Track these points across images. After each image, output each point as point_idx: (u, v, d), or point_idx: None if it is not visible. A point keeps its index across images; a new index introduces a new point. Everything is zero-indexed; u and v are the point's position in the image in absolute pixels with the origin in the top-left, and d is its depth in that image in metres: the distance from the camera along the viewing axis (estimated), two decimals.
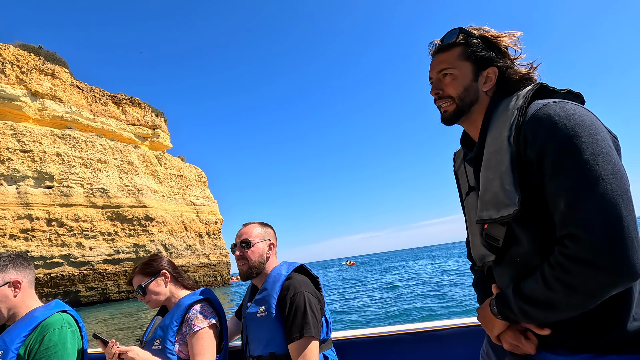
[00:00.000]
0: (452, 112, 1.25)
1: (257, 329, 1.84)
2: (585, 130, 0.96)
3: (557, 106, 1.02)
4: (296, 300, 1.77)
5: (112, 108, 53.76)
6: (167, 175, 55.61)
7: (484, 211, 1.15)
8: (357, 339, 2.10)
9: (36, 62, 45.15)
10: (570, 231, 0.93)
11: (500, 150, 1.10)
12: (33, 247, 38.12)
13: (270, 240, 2.03)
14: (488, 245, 1.19)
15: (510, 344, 1.12)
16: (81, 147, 45.15)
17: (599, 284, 0.90)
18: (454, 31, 1.25)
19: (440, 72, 1.26)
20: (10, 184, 38.82)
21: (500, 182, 1.09)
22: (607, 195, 0.90)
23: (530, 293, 1.01)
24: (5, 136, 39.40)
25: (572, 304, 0.95)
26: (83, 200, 42.96)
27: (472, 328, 1.98)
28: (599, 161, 0.93)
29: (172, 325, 1.87)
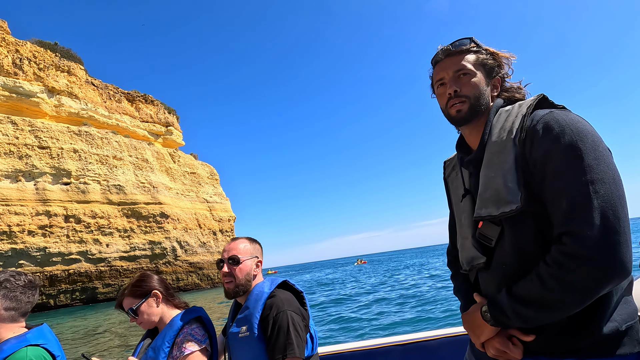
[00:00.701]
0: (466, 111, 1.26)
1: (239, 350, 1.80)
2: (589, 137, 1.02)
3: (564, 114, 1.08)
4: (279, 320, 1.72)
5: (126, 105, 53.62)
6: (180, 172, 55.44)
7: (483, 209, 1.17)
8: (347, 352, 2.06)
9: (52, 58, 45.02)
10: (570, 229, 0.97)
11: (504, 150, 1.14)
12: (51, 244, 38.01)
13: (258, 257, 1.97)
14: (480, 246, 1.21)
15: (497, 349, 1.12)
16: (97, 144, 45.02)
17: (594, 281, 0.93)
18: (466, 39, 1.30)
19: (458, 72, 1.27)
20: (28, 180, 38.70)
21: (503, 180, 1.11)
22: (608, 197, 0.95)
23: (526, 294, 1.02)
24: (23, 132, 39.28)
25: (567, 302, 0.96)
26: (100, 197, 42.82)
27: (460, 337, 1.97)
28: (601, 166, 0.98)
29: (164, 347, 1.81)
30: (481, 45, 1.30)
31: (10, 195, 36.76)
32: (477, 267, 1.24)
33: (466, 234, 1.29)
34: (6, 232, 35.64)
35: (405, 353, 2.02)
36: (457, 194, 1.41)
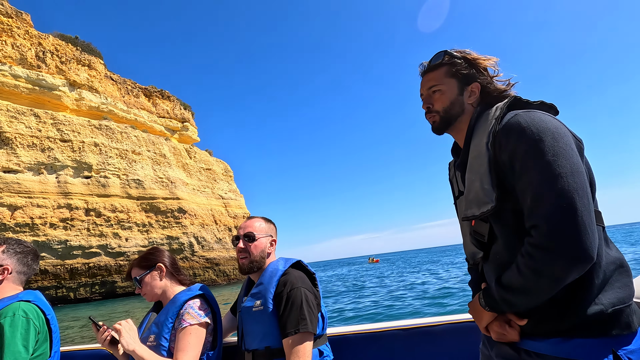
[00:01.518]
0: (438, 123, 1.39)
1: (252, 323, 1.82)
2: (549, 134, 1.09)
3: (526, 115, 1.16)
4: (293, 295, 1.75)
5: (144, 100, 53.49)
6: (196, 168, 55.27)
7: (468, 209, 1.28)
8: (352, 335, 2.10)
9: (74, 52, 44.91)
10: (534, 222, 1.06)
11: (480, 154, 1.22)
12: (72, 237, 37.88)
13: (273, 236, 2.01)
14: (476, 242, 1.29)
15: (497, 332, 1.21)
16: (117, 138, 44.88)
17: (559, 268, 1.01)
18: (440, 53, 1.41)
19: (430, 89, 1.40)
20: (50, 172, 38.59)
21: (480, 183, 1.21)
22: (564, 190, 1.02)
23: (508, 282, 1.12)
24: (45, 125, 39.16)
25: (540, 288, 1.05)
26: (119, 191, 42.68)
27: (464, 324, 2.00)
28: (558, 161, 1.05)
29: (167, 322, 1.84)
30: (456, 55, 1.38)
31: (33, 187, 36.65)
32: (478, 261, 1.34)
33: (465, 231, 1.39)
34: (28, 224, 35.53)
35: (410, 337, 2.06)
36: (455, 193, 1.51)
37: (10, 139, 36.47)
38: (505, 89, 1.38)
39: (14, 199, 35.12)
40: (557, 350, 1.09)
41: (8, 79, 38.12)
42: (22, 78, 39.17)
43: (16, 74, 38.77)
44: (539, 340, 1.13)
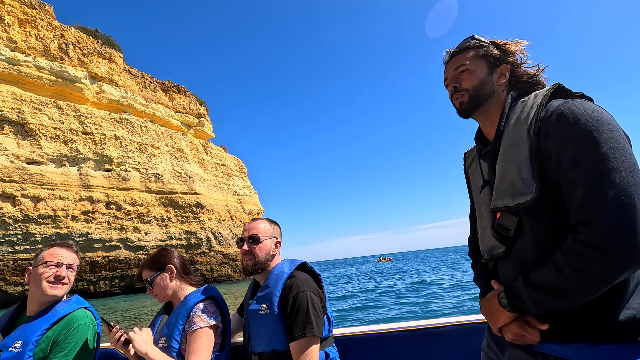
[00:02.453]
0: (467, 103, 1.30)
1: (259, 326, 1.81)
2: (605, 126, 1.01)
3: (579, 103, 1.07)
4: (299, 299, 1.73)
5: (161, 95, 53.14)
6: (212, 164, 54.93)
7: (499, 200, 1.18)
8: (358, 335, 2.09)
9: (94, 45, 44.54)
10: (585, 217, 0.97)
11: (519, 142, 1.14)
12: (93, 230, 37.54)
13: (277, 238, 1.99)
14: (499, 236, 1.21)
15: (515, 333, 1.14)
16: (137, 132, 44.52)
17: (609, 269, 0.93)
18: (467, 38, 1.36)
19: (457, 69, 1.33)
20: (72, 165, 38.24)
21: (518, 172, 1.12)
22: (623, 185, 0.94)
23: (542, 281, 1.03)
24: (68, 117, 38.81)
25: (582, 290, 0.97)
26: (139, 185, 42.33)
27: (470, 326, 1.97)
28: (616, 154, 0.97)
29: (178, 324, 1.84)
30: (483, 40, 1.32)
31: (55, 179, 36.31)
32: (496, 256, 1.25)
33: (485, 224, 1.30)
34: (51, 216, 35.19)
35: (415, 338, 2.04)
36: (476, 185, 1.41)
37: (34, 130, 36.13)
38: (536, 73, 1.29)
39: (37, 190, 34.78)
40: (582, 356, 1.00)
41: (32, 70, 37.76)
42: (46, 69, 38.81)
43: (40, 65, 38.41)
44: (561, 344, 1.05)
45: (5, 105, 34.70)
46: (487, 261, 1.33)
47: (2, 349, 1.76)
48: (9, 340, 1.79)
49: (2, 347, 1.77)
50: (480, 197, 1.36)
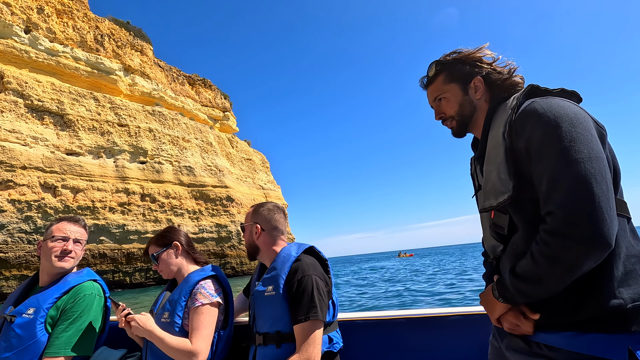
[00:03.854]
0: (457, 127, 1.39)
1: (264, 307, 1.82)
2: (566, 120, 1.05)
3: (543, 101, 1.12)
4: (304, 283, 1.74)
5: (188, 88, 52.69)
6: (238, 158, 54.53)
7: (486, 201, 1.25)
8: (361, 320, 2.10)
9: (127, 37, 44.07)
10: (549, 209, 1.02)
11: (497, 145, 1.20)
12: (129, 222, 37.24)
13: (259, 223, 1.96)
14: (496, 235, 1.26)
15: (511, 323, 1.17)
16: (169, 125, 44.11)
17: (575, 255, 0.96)
18: (431, 65, 1.41)
19: (435, 99, 1.41)
20: (108, 156, 37.89)
21: (497, 173, 1.18)
22: (581, 175, 0.98)
23: (522, 271, 1.08)
24: (104, 109, 38.42)
25: (555, 276, 1.01)
26: (172, 178, 41.97)
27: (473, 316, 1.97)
28: (576, 146, 1.01)
29: (180, 301, 1.87)
30: (447, 61, 1.37)
31: (93, 171, 35.97)
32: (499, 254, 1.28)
33: (485, 225, 1.35)
34: (89, 207, 34.88)
35: (419, 325, 2.03)
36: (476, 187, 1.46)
37: (73, 121, 35.75)
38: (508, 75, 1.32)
39: (77, 181, 34.45)
40: (571, 344, 1.03)
41: (69, 61, 37.34)
42: (82, 61, 38.38)
43: (77, 56, 37.98)
44: (552, 332, 1.08)
45: (46, 95, 34.34)
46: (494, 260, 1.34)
47: (16, 314, 1.86)
48: (23, 307, 1.89)
49: (16, 313, 1.87)
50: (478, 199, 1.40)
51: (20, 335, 1.81)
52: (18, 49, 33.74)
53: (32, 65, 34.82)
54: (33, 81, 33.94)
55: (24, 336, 1.81)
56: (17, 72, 33.20)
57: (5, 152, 30.17)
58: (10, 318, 1.86)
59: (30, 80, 33.71)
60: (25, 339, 1.81)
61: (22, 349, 1.79)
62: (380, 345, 2.07)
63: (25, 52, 34.19)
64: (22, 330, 1.82)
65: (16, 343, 1.80)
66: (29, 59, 34.44)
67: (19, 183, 30.64)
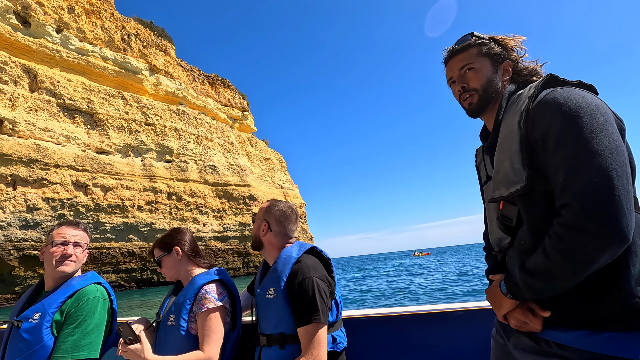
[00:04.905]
0: (476, 103, 1.30)
1: (266, 310, 1.81)
2: (587, 111, 1.02)
3: (564, 91, 1.08)
4: (304, 285, 1.71)
5: (208, 88, 52.67)
6: (258, 157, 54.45)
7: (496, 191, 1.21)
8: (365, 318, 2.09)
9: (151, 37, 44.08)
10: (566, 201, 0.98)
11: (511, 133, 1.15)
12: (156, 220, 37.21)
13: (269, 220, 1.94)
14: (504, 226, 1.22)
15: (518, 320, 1.14)
16: (193, 124, 44.08)
17: (590, 249, 0.93)
18: (467, 35, 1.34)
19: (462, 68, 1.32)
20: (136, 155, 37.87)
21: (510, 162, 1.14)
22: (601, 168, 0.95)
23: (533, 266, 1.04)
24: (132, 108, 38.40)
25: (569, 272, 0.97)
26: (197, 177, 41.92)
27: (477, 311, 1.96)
28: (597, 138, 0.98)
29: (186, 304, 1.86)
30: (483, 37, 1.32)
31: (122, 169, 35.96)
32: (504, 247, 1.24)
33: (492, 216, 1.30)
34: (119, 205, 34.86)
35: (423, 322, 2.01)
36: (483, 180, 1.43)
37: (103, 120, 35.75)
38: (536, 67, 1.29)
39: (107, 180, 34.45)
40: (584, 343, 0.99)
41: (98, 60, 37.35)
42: (110, 60, 38.38)
43: (105, 55, 37.98)
44: (563, 330, 1.04)
45: (77, 94, 34.34)
46: (497, 253, 1.31)
47: (22, 320, 1.88)
48: (29, 312, 1.90)
49: (23, 318, 1.88)
50: (486, 190, 1.36)
51: (28, 340, 1.83)
52: (50, 49, 33.77)
53: (63, 64, 34.85)
54: (64, 80, 33.96)
55: (31, 341, 1.83)
56: (49, 72, 33.23)
57: (40, 151, 30.20)
58: (18, 323, 1.88)
59: (61, 80, 33.73)
60: (33, 343, 1.83)
61: (30, 353, 1.82)
62: (386, 342, 2.06)
63: (57, 51, 34.22)
64: (29, 335, 1.84)
65: (24, 348, 1.82)
66: (60, 59, 34.47)
67: (52, 181, 30.66)
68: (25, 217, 28.90)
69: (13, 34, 31.57)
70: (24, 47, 32.27)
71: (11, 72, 30.44)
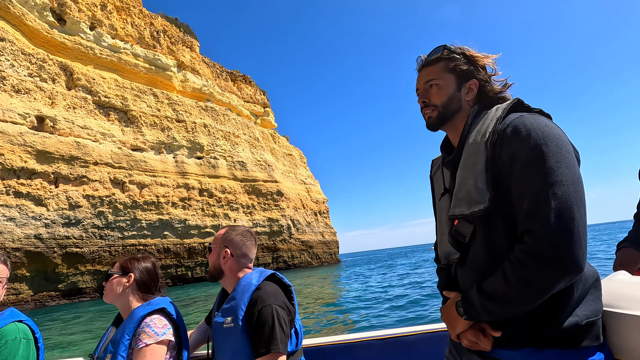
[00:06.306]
0: (435, 118, 1.31)
1: (223, 340, 1.73)
2: (553, 141, 1.05)
3: (532, 117, 1.11)
4: (264, 314, 1.65)
5: (231, 84, 52.24)
6: (281, 153, 54.05)
7: (457, 208, 1.19)
8: (327, 346, 2.06)
9: (178, 33, 43.61)
10: (529, 227, 1.00)
11: (477, 152, 1.15)
12: (190, 216, 36.94)
13: (227, 247, 1.86)
14: (455, 242, 1.23)
15: (470, 340, 1.16)
16: (220, 120, 43.68)
17: (549, 277, 0.97)
18: (439, 47, 1.33)
19: (427, 82, 1.32)
20: (168, 152, 37.55)
21: (474, 181, 1.13)
22: (565, 198, 0.98)
23: (492, 290, 1.06)
24: (163, 105, 38.03)
25: (526, 298, 1.01)
26: (227, 173, 41.58)
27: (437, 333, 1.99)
28: (561, 168, 1.01)
29: (124, 340, 1.70)
30: (455, 50, 1.30)
31: (156, 166, 35.64)
32: (453, 262, 1.27)
33: (444, 230, 1.31)
34: (154, 202, 34.58)
35: (384, 347, 2.02)
36: (438, 192, 1.42)
37: (136, 117, 35.39)
38: (502, 90, 1.29)
39: (142, 177, 34.15)
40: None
41: (129, 57, 36.92)
42: (141, 57, 37.97)
43: (136, 52, 37.56)
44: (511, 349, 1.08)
45: (111, 92, 33.99)
46: (445, 267, 1.34)
47: None
48: None
49: None
50: (441, 203, 1.36)
51: None
52: (84, 46, 33.38)
53: (96, 62, 34.46)
54: (99, 78, 33.59)
55: None
56: (84, 69, 32.86)
57: (80, 148, 29.90)
58: None
59: (96, 77, 33.36)
60: None
61: None
62: None
63: (91, 48, 33.82)
64: None
65: None
66: (93, 56, 34.08)
67: (91, 179, 30.39)
68: (68, 214, 28.66)
69: (50, 31, 31.19)
70: (60, 45, 31.89)
71: (49, 70, 30.10)
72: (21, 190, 26.26)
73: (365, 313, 10.57)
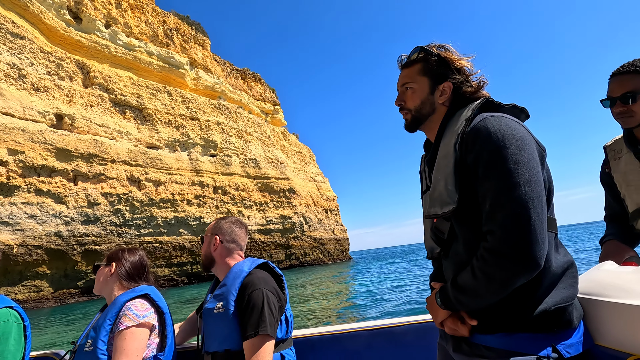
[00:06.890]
0: (409, 122, 1.35)
1: (213, 325, 1.73)
2: (513, 142, 1.09)
3: (494, 119, 1.14)
4: (254, 297, 1.66)
5: (241, 82, 52.13)
6: (291, 151, 53.94)
7: (432, 208, 1.26)
8: (316, 336, 2.06)
9: (190, 31, 43.50)
10: (490, 228, 1.07)
11: (447, 154, 1.19)
12: (204, 214, 36.90)
13: (218, 235, 1.89)
14: (436, 238, 1.29)
15: (450, 328, 1.23)
16: (233, 118, 43.59)
17: (509, 273, 1.04)
18: (415, 49, 1.35)
19: (403, 85, 1.35)
20: (182, 150, 37.51)
21: (445, 183, 1.18)
22: (521, 199, 1.04)
23: (463, 283, 1.14)
24: (177, 103, 37.96)
25: (490, 291, 1.08)
26: (240, 170, 41.51)
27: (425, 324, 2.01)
28: (519, 169, 1.06)
29: (106, 325, 1.69)
30: (430, 52, 1.31)
31: (171, 164, 35.61)
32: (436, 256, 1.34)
33: (427, 226, 1.37)
34: (170, 200, 34.56)
35: (372, 338, 2.02)
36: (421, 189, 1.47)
37: (152, 115, 35.35)
38: (477, 89, 1.30)
39: (157, 174, 34.13)
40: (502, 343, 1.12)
41: (144, 55, 36.85)
42: (155, 55, 37.89)
43: (150, 51, 37.48)
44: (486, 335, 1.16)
45: (127, 90, 33.94)
46: (432, 259, 1.41)
47: None
48: None
49: None
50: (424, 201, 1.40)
51: None
52: (100, 44, 33.32)
53: (112, 60, 34.40)
54: (115, 76, 33.54)
55: None
56: (100, 67, 32.81)
57: (98, 146, 29.88)
58: None
59: (112, 75, 33.31)
60: None
61: None
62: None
63: (106, 47, 33.76)
64: None
65: None
66: (109, 54, 34.02)
67: (109, 176, 30.37)
68: (87, 212, 28.67)
69: (66, 29, 31.14)
70: (77, 43, 31.84)
71: (67, 68, 30.06)
72: (42, 188, 26.27)
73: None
